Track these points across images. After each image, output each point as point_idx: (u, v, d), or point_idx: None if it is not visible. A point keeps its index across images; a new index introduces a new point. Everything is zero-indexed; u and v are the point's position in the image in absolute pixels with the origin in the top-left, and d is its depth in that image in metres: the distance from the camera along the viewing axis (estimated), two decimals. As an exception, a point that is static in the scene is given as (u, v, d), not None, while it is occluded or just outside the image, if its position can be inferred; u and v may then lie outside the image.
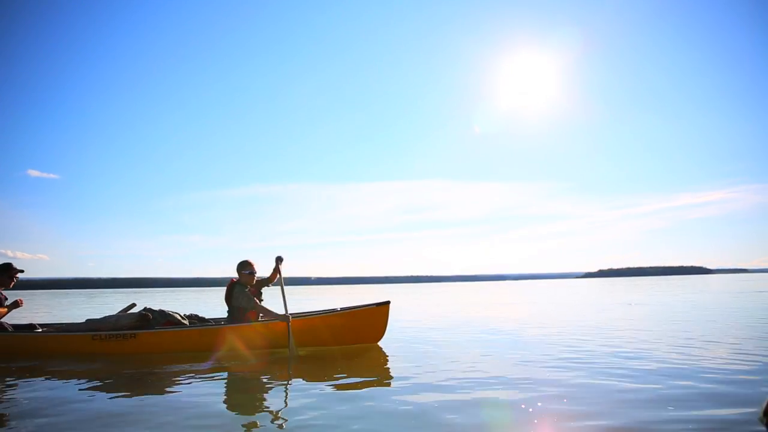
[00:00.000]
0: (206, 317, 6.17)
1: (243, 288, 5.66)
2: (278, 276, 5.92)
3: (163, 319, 5.68)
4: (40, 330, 5.89)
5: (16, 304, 5.59)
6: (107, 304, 21.89)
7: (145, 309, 5.77)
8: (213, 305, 19.45)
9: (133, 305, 5.95)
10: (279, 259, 5.98)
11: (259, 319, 5.70)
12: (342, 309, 6.00)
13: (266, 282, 6.05)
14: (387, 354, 5.44)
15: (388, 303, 5.89)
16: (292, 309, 5.73)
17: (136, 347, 5.42)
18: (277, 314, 5.53)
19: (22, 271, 5.71)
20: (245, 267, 5.74)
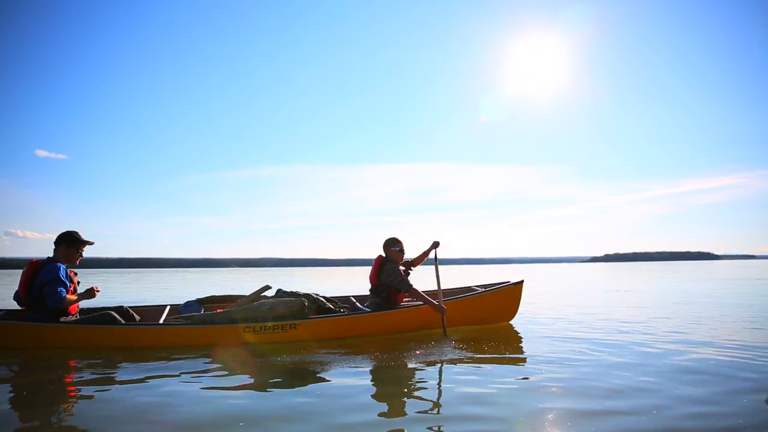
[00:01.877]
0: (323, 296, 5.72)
1: (395, 266, 5.39)
2: (435, 262, 5.75)
3: (312, 304, 5.26)
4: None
5: (90, 293, 4.70)
6: (126, 285, 22.35)
7: (279, 291, 5.54)
8: (230, 286, 19.81)
9: (268, 287, 5.62)
10: (436, 244, 5.75)
11: (404, 302, 5.64)
12: (480, 288, 6.21)
13: (411, 263, 5.81)
14: (520, 331, 5.68)
15: (522, 282, 6.14)
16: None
17: (295, 338, 4.90)
18: (432, 302, 5.31)
19: (91, 243, 4.83)
20: (395, 244, 5.50)
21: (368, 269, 5.65)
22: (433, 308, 5.29)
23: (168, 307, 5.78)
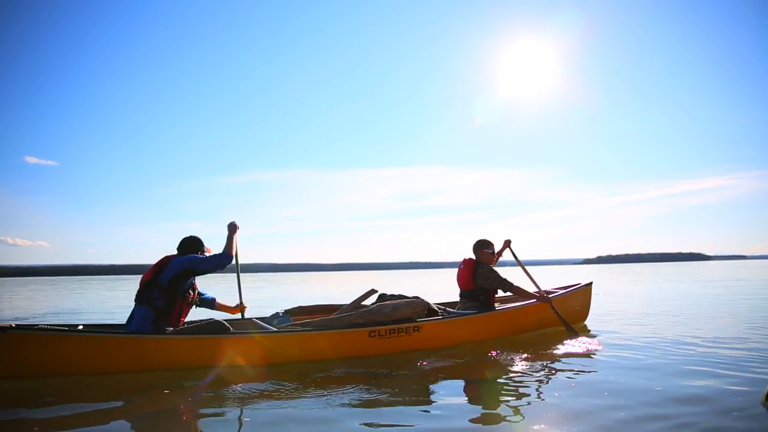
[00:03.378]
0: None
1: (490, 268, 5.39)
2: (517, 261, 6.05)
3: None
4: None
5: (233, 227, 4.44)
6: (114, 291, 22.28)
7: (382, 295, 5.28)
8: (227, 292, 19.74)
9: (374, 291, 5.36)
10: (508, 242, 6.04)
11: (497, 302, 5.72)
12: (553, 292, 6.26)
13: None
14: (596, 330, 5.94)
15: (591, 283, 6.46)
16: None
17: (416, 342, 4.60)
18: (543, 296, 5.52)
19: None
20: (487, 246, 5.55)
21: (362, 273, 5.76)
22: (543, 302, 5.47)
23: (252, 320, 5.04)
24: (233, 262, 4.36)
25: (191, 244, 4.35)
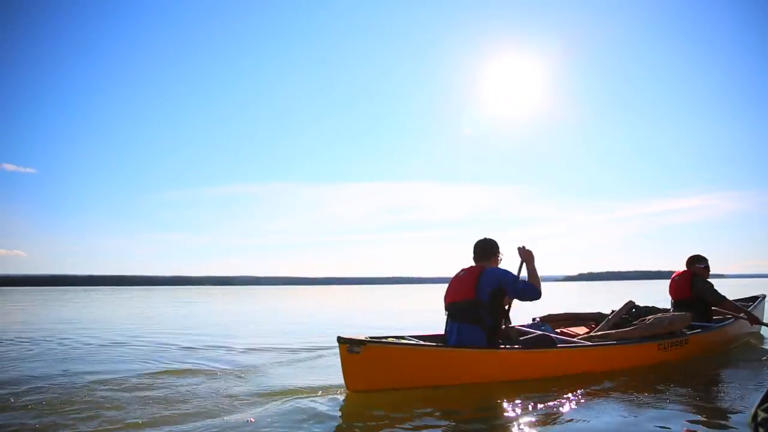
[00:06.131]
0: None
1: (706, 280, 5.53)
2: None
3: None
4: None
5: (531, 256, 4.13)
6: (96, 300, 22.10)
7: (637, 307, 5.44)
8: (217, 306, 19.74)
9: (632, 303, 5.45)
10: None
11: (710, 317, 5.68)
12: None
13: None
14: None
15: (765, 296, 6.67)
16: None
17: (687, 353, 4.81)
18: (752, 314, 5.54)
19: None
20: (701, 261, 5.64)
21: (348, 287, 6.03)
22: (752, 321, 5.48)
23: (514, 328, 4.93)
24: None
25: (491, 248, 4.19)
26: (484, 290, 3.86)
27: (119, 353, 5.92)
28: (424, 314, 13.27)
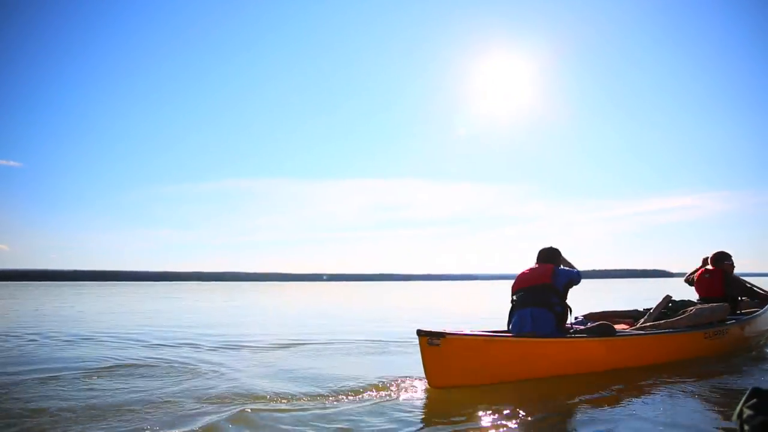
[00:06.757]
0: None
1: (738, 277, 5.77)
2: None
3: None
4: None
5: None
6: (85, 295, 21.78)
7: (674, 302, 5.50)
8: (193, 301, 19.46)
9: (669, 297, 5.49)
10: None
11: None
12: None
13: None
14: None
15: None
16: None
17: (727, 343, 4.94)
18: None
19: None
20: (728, 257, 5.82)
21: (334, 284, 5.90)
22: None
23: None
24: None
25: (555, 255, 4.53)
26: (560, 280, 4.16)
27: (83, 348, 5.86)
28: (422, 312, 13.25)
